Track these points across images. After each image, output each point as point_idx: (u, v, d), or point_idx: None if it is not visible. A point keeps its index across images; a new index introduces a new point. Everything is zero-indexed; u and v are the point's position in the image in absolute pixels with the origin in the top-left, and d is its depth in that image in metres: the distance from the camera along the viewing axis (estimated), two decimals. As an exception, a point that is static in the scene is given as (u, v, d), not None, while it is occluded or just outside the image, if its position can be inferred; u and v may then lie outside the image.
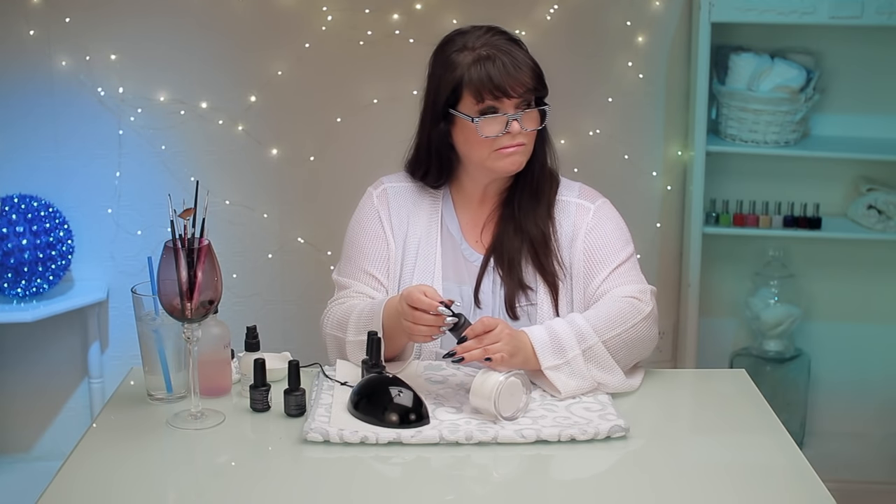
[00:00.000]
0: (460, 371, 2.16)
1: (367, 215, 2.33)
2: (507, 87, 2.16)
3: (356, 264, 2.30)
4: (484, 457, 1.87)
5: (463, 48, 2.20)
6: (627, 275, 2.24)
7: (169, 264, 1.90)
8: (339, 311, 2.25)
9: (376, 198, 2.33)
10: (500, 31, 2.23)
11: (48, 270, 3.23)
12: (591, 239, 2.26)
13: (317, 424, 1.92)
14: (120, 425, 2.01)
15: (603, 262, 2.24)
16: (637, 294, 2.20)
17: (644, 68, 3.39)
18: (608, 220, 2.29)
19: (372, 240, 2.29)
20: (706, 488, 1.80)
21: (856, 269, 3.52)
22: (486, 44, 2.19)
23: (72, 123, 3.34)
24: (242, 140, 3.39)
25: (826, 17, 3.17)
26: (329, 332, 2.25)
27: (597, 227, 2.27)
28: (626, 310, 2.15)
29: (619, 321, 2.13)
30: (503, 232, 2.28)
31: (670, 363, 3.50)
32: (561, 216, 2.28)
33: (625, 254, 2.26)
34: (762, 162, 3.43)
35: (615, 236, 2.27)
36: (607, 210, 2.31)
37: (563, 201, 2.30)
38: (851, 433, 3.58)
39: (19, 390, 3.52)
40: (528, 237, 2.26)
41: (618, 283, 2.22)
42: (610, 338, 2.11)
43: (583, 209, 2.29)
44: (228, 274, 3.08)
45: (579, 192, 2.32)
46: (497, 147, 2.19)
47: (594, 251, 2.25)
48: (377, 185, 2.36)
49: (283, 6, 3.31)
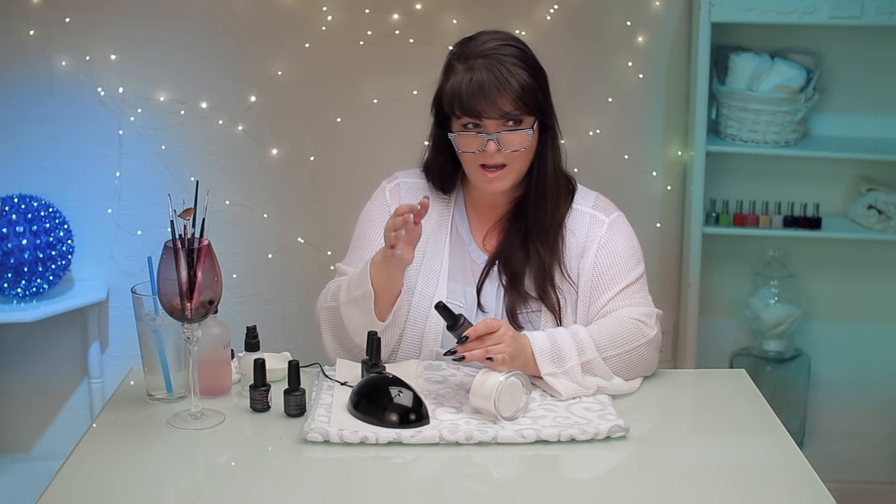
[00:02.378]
0: (460, 371, 2.16)
1: (377, 208, 2.32)
2: (479, 109, 2.12)
3: (360, 255, 2.29)
4: (484, 457, 1.87)
5: (461, 57, 2.17)
6: (635, 296, 2.22)
7: (169, 264, 1.90)
8: (333, 286, 2.26)
9: (389, 192, 2.32)
10: (506, 41, 2.17)
11: (48, 270, 3.23)
12: (602, 256, 2.22)
13: (317, 424, 1.92)
14: (120, 425, 2.01)
15: (612, 281, 2.21)
16: (643, 317, 2.18)
17: (644, 68, 3.39)
18: (622, 236, 2.25)
19: (379, 233, 2.26)
20: (706, 488, 1.80)
21: (856, 269, 3.52)
22: (482, 56, 2.13)
23: (72, 123, 3.34)
24: (242, 140, 3.39)
25: (826, 17, 3.17)
26: (323, 307, 2.24)
27: (609, 243, 2.24)
28: (630, 331, 2.14)
29: (621, 341, 2.12)
30: (511, 243, 2.25)
31: (670, 363, 3.50)
32: (574, 225, 2.25)
33: (634, 274, 2.23)
34: (762, 162, 3.43)
35: (626, 255, 2.24)
36: (621, 225, 2.27)
37: (577, 210, 2.26)
38: (851, 433, 3.58)
39: (19, 390, 3.52)
40: (536, 258, 2.22)
41: (624, 304, 2.20)
42: (610, 356, 2.10)
43: (597, 221, 2.25)
44: (228, 274, 3.08)
45: (595, 202, 2.28)
46: (480, 163, 2.17)
47: (604, 269, 2.22)
48: (391, 179, 2.34)
49: (283, 6, 3.31)
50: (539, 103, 2.17)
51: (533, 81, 2.15)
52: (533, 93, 2.15)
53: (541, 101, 2.17)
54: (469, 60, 2.14)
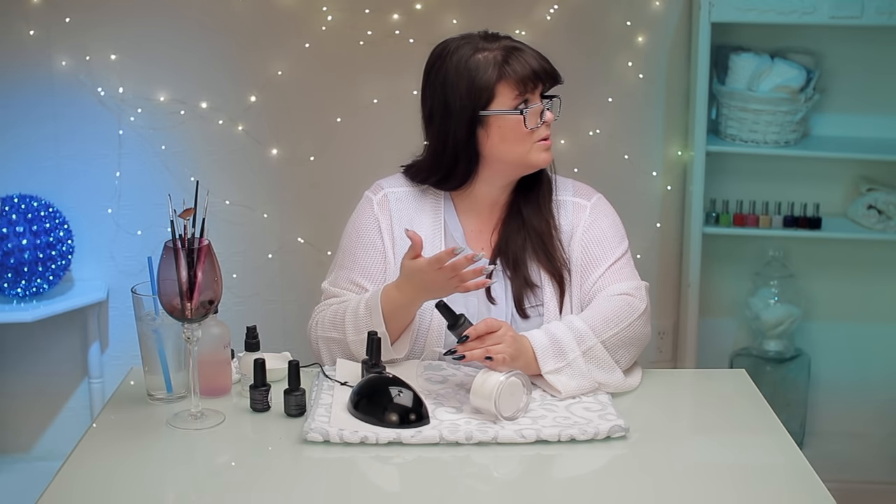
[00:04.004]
0: (460, 371, 2.16)
1: (364, 224, 2.27)
2: (546, 74, 2.17)
3: (348, 275, 2.26)
4: (484, 457, 1.87)
5: (476, 50, 2.16)
6: (622, 271, 2.25)
7: (169, 264, 1.90)
8: (330, 313, 2.21)
9: (376, 204, 2.27)
10: (494, 34, 2.21)
11: (48, 270, 3.23)
12: (587, 236, 2.26)
13: (317, 424, 1.92)
14: (120, 425, 2.01)
15: (599, 259, 2.25)
16: (631, 291, 2.20)
17: (644, 68, 3.39)
18: (604, 216, 2.30)
19: (368, 251, 2.25)
20: (706, 488, 1.80)
21: (856, 269, 3.52)
22: (497, 43, 2.18)
23: (72, 123, 3.34)
24: (242, 140, 3.39)
25: (826, 17, 3.17)
26: (322, 335, 2.21)
27: (593, 224, 2.28)
28: (622, 308, 2.16)
29: (615, 320, 2.14)
30: (508, 231, 2.27)
31: (670, 363, 3.50)
32: (559, 215, 2.28)
33: (620, 250, 2.27)
34: (762, 162, 3.43)
35: (611, 234, 2.28)
36: (603, 206, 2.31)
37: (559, 201, 2.29)
38: (851, 433, 3.58)
39: (19, 390, 3.52)
40: (533, 231, 2.25)
41: (613, 280, 2.23)
42: (608, 337, 2.11)
43: (579, 207, 2.29)
44: (228, 274, 3.08)
45: (574, 189, 2.32)
46: (536, 139, 2.19)
47: (591, 248, 2.26)
48: (376, 191, 2.29)
49: (283, 6, 3.31)
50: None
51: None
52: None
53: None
54: (493, 51, 2.16)
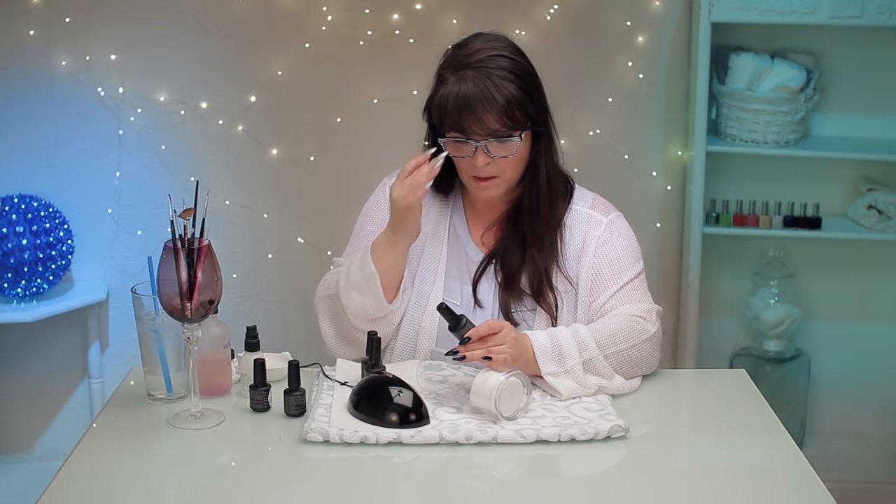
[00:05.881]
0: (460, 371, 2.16)
1: (377, 205, 2.33)
2: (465, 125, 2.11)
3: (358, 250, 2.29)
4: (484, 457, 1.87)
5: (451, 65, 2.15)
6: (634, 293, 2.22)
7: (169, 264, 1.90)
8: (330, 278, 2.27)
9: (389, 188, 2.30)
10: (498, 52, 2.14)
11: (48, 270, 3.23)
12: (600, 255, 2.22)
13: (317, 424, 1.92)
14: (120, 425, 2.01)
15: (611, 279, 2.21)
16: (643, 314, 2.18)
17: (644, 68, 3.39)
18: (620, 235, 2.25)
19: (378, 229, 2.26)
20: (706, 488, 1.80)
21: (856, 269, 3.52)
22: (471, 67, 2.11)
23: (72, 123, 3.34)
24: (242, 140, 3.39)
25: (826, 17, 3.17)
26: (321, 296, 2.26)
27: (607, 242, 2.23)
28: (631, 327, 2.14)
29: (622, 338, 2.12)
30: (508, 244, 2.24)
31: (670, 363, 3.50)
32: (572, 225, 2.25)
33: (633, 272, 2.23)
34: (762, 162, 3.43)
35: (625, 254, 2.24)
36: (619, 225, 2.27)
37: (575, 211, 2.26)
38: (851, 433, 3.58)
39: (19, 390, 3.52)
40: (532, 262, 2.22)
41: (624, 301, 2.20)
42: (611, 353, 2.10)
43: (594, 221, 2.25)
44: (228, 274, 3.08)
45: (593, 203, 2.28)
46: (472, 173, 2.17)
47: (602, 268, 2.22)
48: (392, 176, 2.33)
49: (283, 6, 3.31)
50: (529, 115, 2.14)
51: (521, 94, 2.12)
52: (521, 106, 2.12)
53: (531, 112, 2.14)
54: (458, 71, 2.12)
